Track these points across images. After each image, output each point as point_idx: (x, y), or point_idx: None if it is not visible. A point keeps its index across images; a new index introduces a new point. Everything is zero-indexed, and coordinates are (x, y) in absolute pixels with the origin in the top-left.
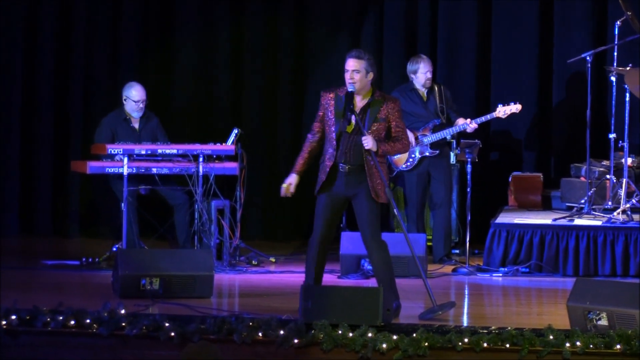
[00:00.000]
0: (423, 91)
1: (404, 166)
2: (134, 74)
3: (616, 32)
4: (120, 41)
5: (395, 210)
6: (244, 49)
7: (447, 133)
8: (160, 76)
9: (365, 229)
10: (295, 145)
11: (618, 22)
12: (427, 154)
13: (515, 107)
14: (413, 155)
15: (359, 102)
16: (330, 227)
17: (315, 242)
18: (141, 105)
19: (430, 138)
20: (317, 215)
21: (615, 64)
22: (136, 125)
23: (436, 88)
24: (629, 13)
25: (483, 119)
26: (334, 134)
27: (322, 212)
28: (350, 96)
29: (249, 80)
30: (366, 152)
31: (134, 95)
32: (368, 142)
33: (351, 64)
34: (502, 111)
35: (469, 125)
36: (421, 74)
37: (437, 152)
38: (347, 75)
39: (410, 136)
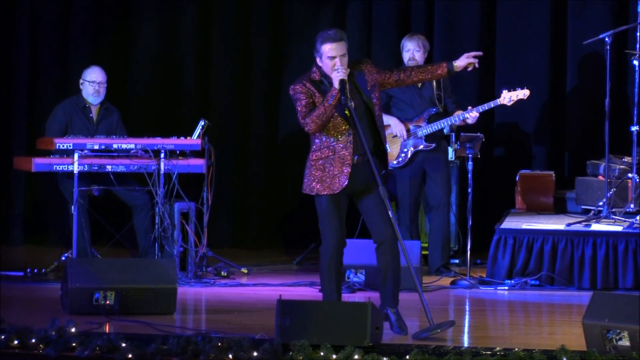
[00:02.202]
0: None
1: (395, 162)
2: (87, 61)
3: (639, 10)
4: (71, 25)
5: (389, 212)
6: (212, 30)
7: (444, 123)
8: (117, 63)
9: (384, 223)
10: (270, 140)
11: None
12: (422, 147)
13: (522, 93)
14: (405, 150)
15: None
16: (345, 229)
17: (333, 249)
18: (98, 88)
19: (425, 129)
20: (330, 217)
21: (638, 46)
22: (94, 116)
23: None
24: None
25: (486, 106)
26: (336, 119)
27: (337, 212)
28: (344, 85)
29: (217, 66)
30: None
31: (91, 76)
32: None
33: (338, 48)
34: (508, 97)
35: (470, 114)
36: (405, 52)
37: (434, 145)
38: (336, 62)
39: (402, 128)
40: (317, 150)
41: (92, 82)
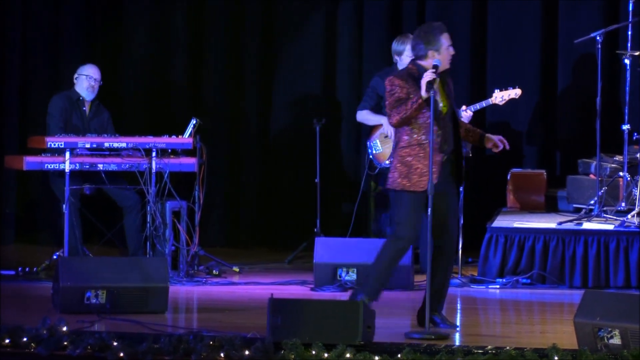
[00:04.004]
0: None
1: (387, 162)
2: (78, 61)
3: (631, 8)
4: (62, 24)
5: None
6: (204, 28)
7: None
8: (108, 62)
9: (454, 224)
10: (262, 138)
11: None
12: None
13: (514, 92)
14: None
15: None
16: (420, 228)
17: (406, 246)
18: (93, 84)
19: None
20: (409, 213)
21: (629, 45)
22: (87, 111)
23: None
24: None
25: (478, 106)
26: (429, 119)
27: (417, 210)
28: (431, 87)
29: (209, 64)
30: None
31: (88, 71)
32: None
33: (449, 39)
34: (500, 97)
35: (464, 113)
36: (407, 56)
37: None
38: (451, 51)
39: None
40: (406, 147)
41: (88, 77)
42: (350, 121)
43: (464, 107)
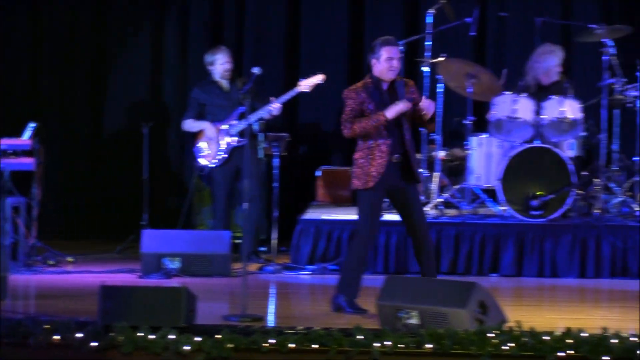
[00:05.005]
0: (223, 82)
1: (215, 161)
2: None
3: (429, 21)
4: None
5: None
6: (43, 34)
7: (253, 118)
8: None
9: (421, 218)
10: (96, 140)
11: (431, 11)
12: (236, 143)
13: (318, 78)
14: (222, 149)
15: (385, 86)
16: (379, 223)
17: (368, 240)
18: None
19: (237, 127)
20: (371, 209)
21: (428, 54)
22: None
23: (238, 81)
24: (442, 1)
25: (287, 96)
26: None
27: (376, 207)
28: (394, 84)
29: (47, 71)
30: (406, 136)
31: None
32: (431, 105)
33: (397, 52)
34: (305, 85)
35: (273, 105)
36: (219, 65)
37: (247, 141)
38: (393, 63)
39: (214, 130)
40: (359, 151)
41: None
42: (176, 125)
43: (272, 99)
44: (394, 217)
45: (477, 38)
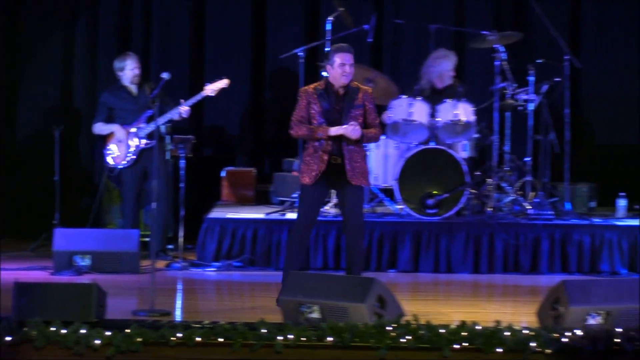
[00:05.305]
0: (132, 87)
1: (124, 162)
2: None
3: (328, 28)
4: None
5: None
6: None
7: (161, 120)
8: None
9: (352, 219)
10: (9, 142)
11: (330, 18)
12: (145, 145)
13: (223, 83)
14: (131, 150)
15: (339, 91)
16: (315, 214)
17: (302, 229)
18: None
19: (146, 129)
20: (307, 204)
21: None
22: None
23: (146, 85)
24: (341, 9)
25: (194, 100)
26: (326, 125)
27: (312, 202)
28: (348, 89)
29: None
30: (346, 140)
31: None
32: (356, 130)
33: (350, 58)
34: (211, 89)
35: (182, 108)
36: (129, 70)
37: (155, 142)
38: (346, 69)
39: (124, 132)
40: (307, 149)
41: None
42: (87, 128)
43: (182, 101)
44: (294, 215)
45: (375, 44)
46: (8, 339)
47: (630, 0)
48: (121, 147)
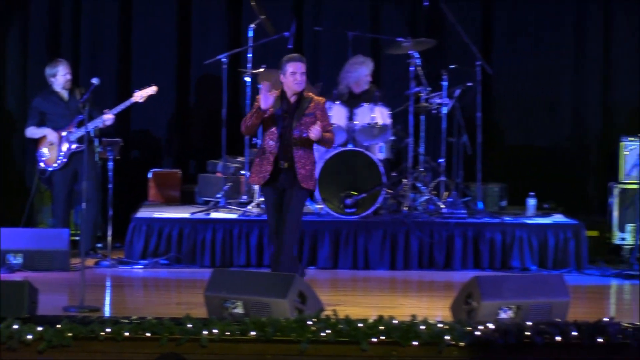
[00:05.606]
0: (63, 92)
1: (55, 165)
2: None
3: (250, 35)
4: None
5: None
6: None
7: (89, 126)
8: None
9: (286, 220)
10: None
11: (252, 25)
12: (75, 149)
13: (151, 90)
14: (62, 153)
15: (292, 98)
16: (275, 214)
17: (270, 232)
18: None
19: (76, 134)
20: (267, 205)
21: (250, 65)
22: None
23: (77, 90)
24: (262, 17)
25: (121, 107)
26: (277, 129)
27: (270, 203)
28: (302, 97)
29: None
30: (295, 145)
31: None
32: (316, 130)
33: (301, 67)
34: (139, 95)
35: (106, 116)
36: (60, 76)
37: (85, 146)
38: (297, 77)
39: (56, 135)
40: (257, 153)
41: None
42: (19, 132)
43: (106, 111)
44: (221, 215)
45: (295, 50)
46: None
47: (540, 7)
48: (52, 151)
